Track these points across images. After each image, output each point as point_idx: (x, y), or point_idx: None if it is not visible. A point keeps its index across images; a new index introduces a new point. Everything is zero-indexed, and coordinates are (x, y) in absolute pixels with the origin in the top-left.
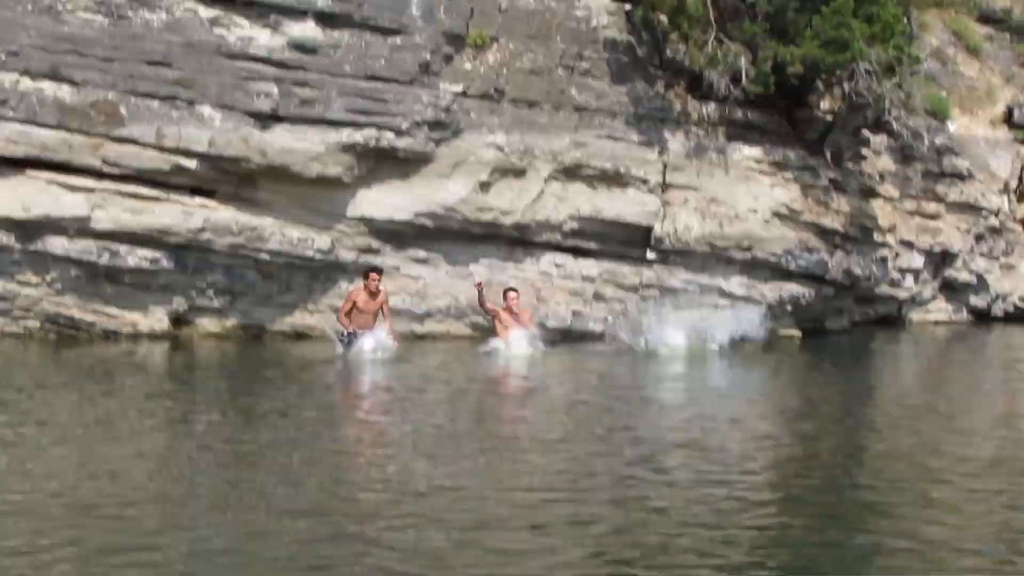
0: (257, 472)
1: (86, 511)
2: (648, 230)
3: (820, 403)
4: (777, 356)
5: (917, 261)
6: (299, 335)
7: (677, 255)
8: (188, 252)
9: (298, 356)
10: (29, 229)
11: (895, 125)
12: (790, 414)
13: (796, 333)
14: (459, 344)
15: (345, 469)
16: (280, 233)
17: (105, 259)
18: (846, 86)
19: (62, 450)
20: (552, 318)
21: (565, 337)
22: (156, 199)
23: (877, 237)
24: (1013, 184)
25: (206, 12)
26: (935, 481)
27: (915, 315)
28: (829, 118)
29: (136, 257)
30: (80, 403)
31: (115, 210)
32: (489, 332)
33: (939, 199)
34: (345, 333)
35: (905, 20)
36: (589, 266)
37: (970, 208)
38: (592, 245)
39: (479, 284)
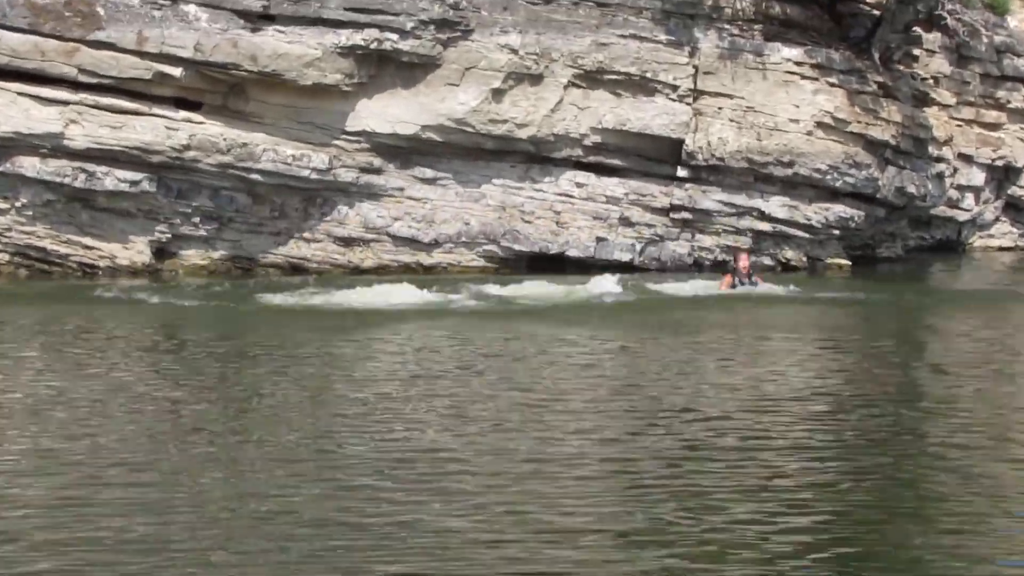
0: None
1: None
2: (678, 144)
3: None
4: (822, 290)
5: (977, 177)
6: (294, 267)
7: (710, 172)
8: (172, 173)
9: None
10: None
11: (949, 21)
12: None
13: (844, 262)
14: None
15: None
16: (273, 150)
17: (81, 181)
18: None
19: None
20: (574, 246)
21: (577, 267)
22: (136, 113)
23: (932, 150)
24: None
25: None
26: None
27: (976, 240)
28: (876, 13)
29: (114, 179)
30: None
31: (91, 126)
32: (506, 262)
33: (1000, 106)
34: None
35: None
36: (613, 185)
37: None
38: (616, 162)
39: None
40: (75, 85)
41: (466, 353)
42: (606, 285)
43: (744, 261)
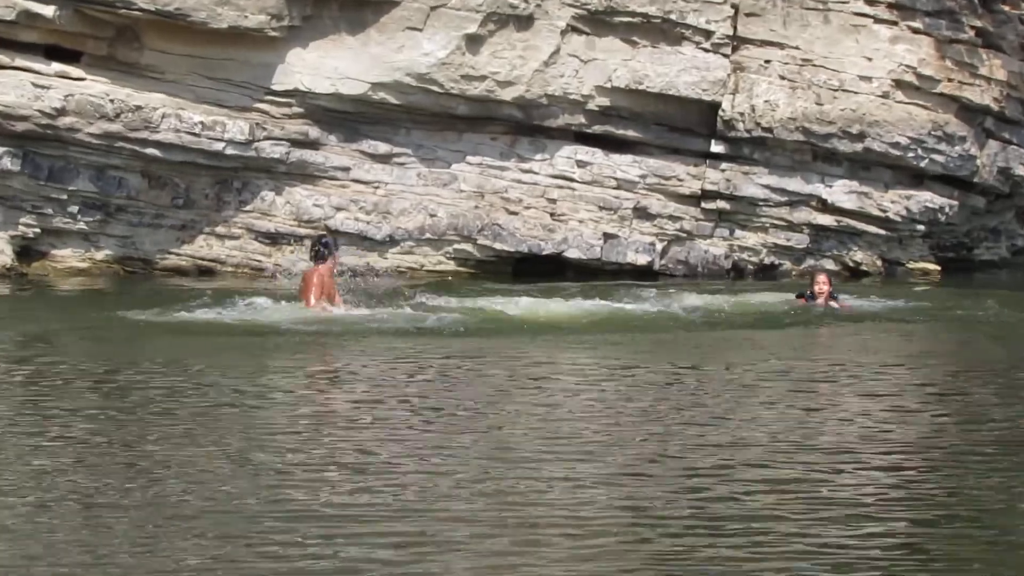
0: None
1: None
2: (712, 109)
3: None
4: (901, 304)
5: None
6: (204, 272)
7: (755, 147)
8: (41, 146)
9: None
10: None
11: None
12: None
13: (931, 266)
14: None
15: None
16: (175, 116)
17: None
18: None
19: None
20: (574, 245)
21: (579, 272)
22: None
23: None
24: None
25: None
26: None
27: None
28: None
29: None
30: None
31: None
32: (484, 266)
33: None
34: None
35: None
36: (627, 165)
37: None
38: (631, 133)
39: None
40: None
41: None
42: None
43: (823, 285)
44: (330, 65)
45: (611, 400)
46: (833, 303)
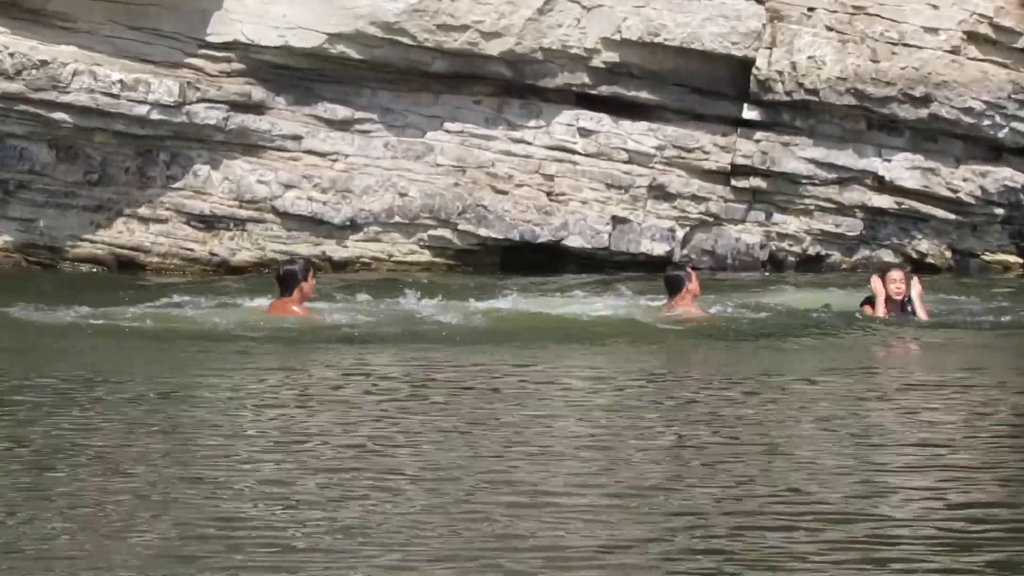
0: None
1: None
2: (745, 66)
3: None
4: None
5: None
6: (124, 263)
7: (797, 113)
8: None
9: None
10: None
11: None
12: None
13: (1013, 259)
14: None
15: None
16: (89, 73)
17: None
18: None
19: None
20: (575, 232)
21: (583, 264)
22: None
23: None
24: None
25: None
26: None
27: None
28: None
29: None
30: None
31: None
32: (466, 257)
33: None
34: None
35: None
36: (640, 134)
37: None
38: (644, 95)
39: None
40: None
41: None
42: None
43: (898, 283)
44: (277, 12)
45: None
46: (909, 310)
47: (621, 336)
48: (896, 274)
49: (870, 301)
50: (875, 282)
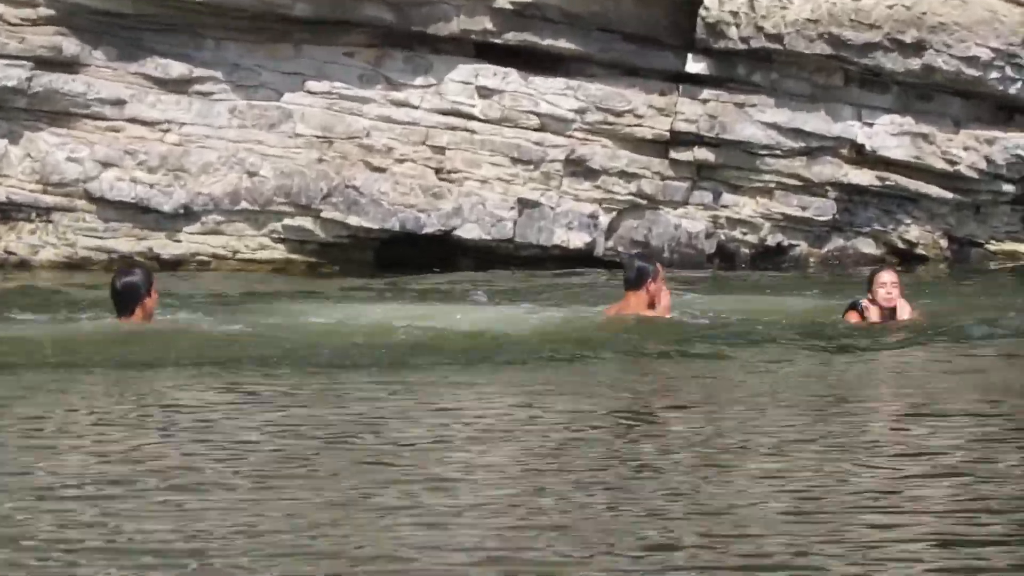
0: None
1: None
2: (690, 7)
3: None
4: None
5: None
6: None
7: (755, 66)
8: None
9: None
10: None
11: None
12: None
13: (1021, 247)
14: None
15: None
16: None
17: None
18: None
19: None
20: (472, 219)
21: (481, 259)
22: None
23: None
24: None
25: None
26: None
27: None
28: None
29: None
30: None
31: None
32: (331, 253)
33: None
34: None
35: None
36: (555, 93)
37: None
38: (562, 44)
39: None
40: None
41: None
42: None
43: (888, 287)
44: None
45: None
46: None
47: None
48: (887, 276)
49: (856, 307)
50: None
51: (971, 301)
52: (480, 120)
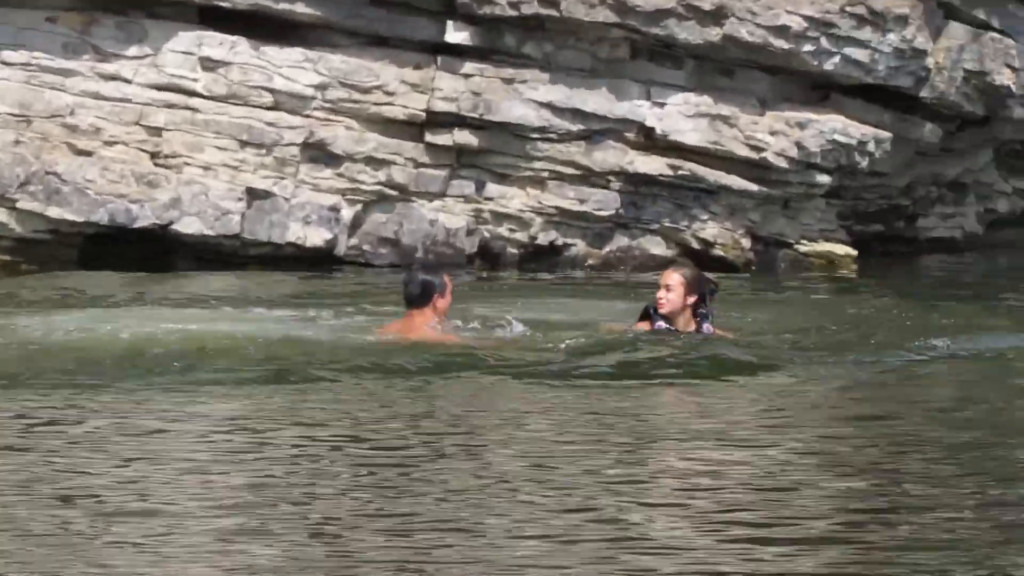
0: None
1: None
2: None
3: None
4: None
5: None
6: None
7: (525, 34)
8: None
9: None
10: None
11: None
12: None
13: (843, 250)
14: None
15: None
16: None
17: None
18: None
19: None
20: (193, 212)
21: (203, 259)
22: None
23: None
24: None
25: None
26: None
27: None
28: None
29: None
30: None
31: None
32: (36, 248)
33: None
34: None
35: None
36: (292, 65)
37: None
38: (301, 9)
39: None
40: None
41: None
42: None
43: (673, 289)
44: None
45: None
46: (702, 326)
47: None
48: (673, 277)
49: (649, 314)
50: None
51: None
52: (203, 97)
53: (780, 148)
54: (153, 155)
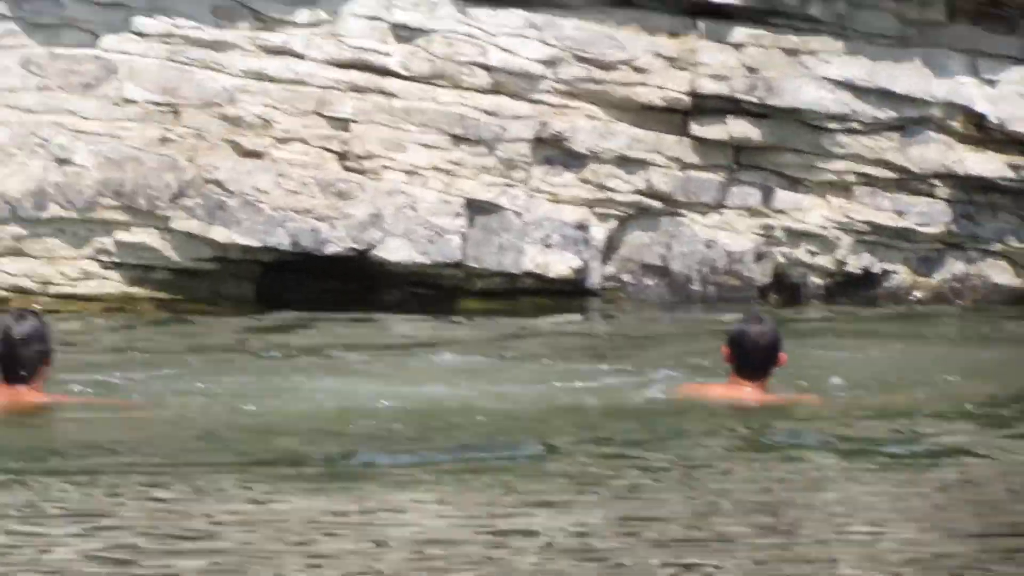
0: None
1: None
2: None
3: None
4: None
5: None
6: None
7: None
8: None
9: None
10: None
11: None
12: None
13: None
14: None
15: None
16: None
17: None
18: None
19: None
20: (399, 232)
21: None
22: None
23: None
24: None
25: None
26: None
27: None
28: None
29: None
30: None
31: None
32: (188, 280)
33: None
34: None
35: None
36: (511, 32)
37: None
38: None
39: None
40: None
41: None
42: None
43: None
44: None
45: None
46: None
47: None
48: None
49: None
50: None
51: None
52: (400, 76)
53: None
54: (341, 156)
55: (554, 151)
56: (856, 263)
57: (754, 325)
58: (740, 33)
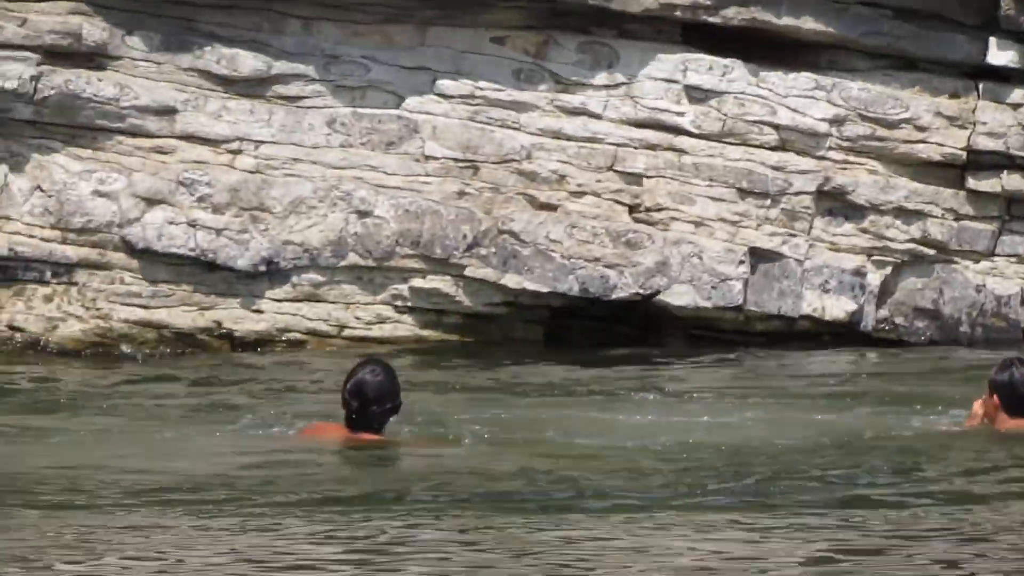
0: None
1: None
2: None
3: None
4: None
5: None
6: None
7: None
8: None
9: None
10: None
11: None
12: None
13: None
14: None
15: None
16: None
17: None
18: None
19: None
20: (685, 278)
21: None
22: None
23: None
24: None
25: None
26: None
27: None
28: None
29: None
30: None
31: None
32: (480, 324)
33: None
34: None
35: None
36: (799, 93)
37: None
38: (809, 25)
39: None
40: None
41: None
42: None
43: None
44: None
45: None
46: None
47: None
48: None
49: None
50: None
51: None
52: (692, 135)
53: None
54: (632, 208)
55: (836, 203)
56: None
57: (1019, 368)
58: (1017, 94)
